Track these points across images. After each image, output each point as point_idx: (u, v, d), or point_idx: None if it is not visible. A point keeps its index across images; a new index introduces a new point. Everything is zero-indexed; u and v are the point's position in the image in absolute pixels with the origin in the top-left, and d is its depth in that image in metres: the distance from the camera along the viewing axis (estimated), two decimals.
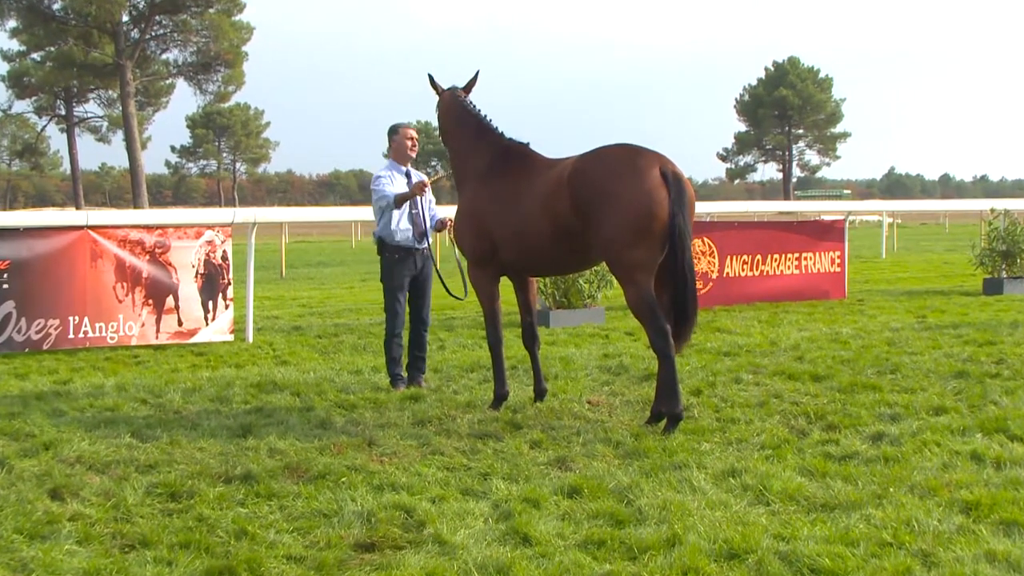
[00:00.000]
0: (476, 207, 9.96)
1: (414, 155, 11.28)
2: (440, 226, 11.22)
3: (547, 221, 9.28)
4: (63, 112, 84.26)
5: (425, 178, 11.09)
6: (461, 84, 10.60)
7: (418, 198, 11.03)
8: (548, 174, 9.48)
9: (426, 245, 11.24)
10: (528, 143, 10.16)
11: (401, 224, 11.02)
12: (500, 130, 10.28)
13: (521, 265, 9.91)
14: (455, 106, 10.46)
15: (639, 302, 8.93)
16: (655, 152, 9.09)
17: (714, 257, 18.53)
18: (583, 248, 9.29)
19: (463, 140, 10.36)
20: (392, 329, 11.15)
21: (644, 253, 8.83)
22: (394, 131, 11.25)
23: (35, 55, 72.71)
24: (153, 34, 70.66)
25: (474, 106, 10.40)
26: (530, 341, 10.28)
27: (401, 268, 11.06)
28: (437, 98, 10.61)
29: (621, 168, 8.93)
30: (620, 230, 8.81)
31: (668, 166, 8.93)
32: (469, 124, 10.34)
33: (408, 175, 11.18)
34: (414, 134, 11.23)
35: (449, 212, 11.76)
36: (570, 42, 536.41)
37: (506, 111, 10.30)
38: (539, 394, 10.26)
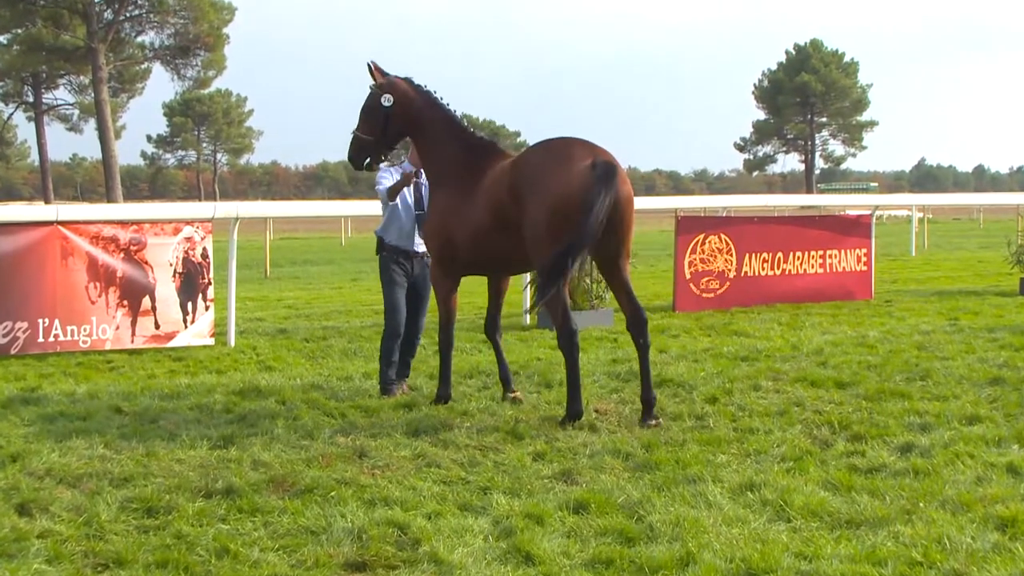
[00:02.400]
0: (442, 207, 10.36)
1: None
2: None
3: (490, 215, 9.80)
4: (31, 99, 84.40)
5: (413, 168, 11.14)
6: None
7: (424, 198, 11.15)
8: (496, 168, 9.98)
9: (424, 249, 11.28)
10: (495, 141, 10.61)
11: (404, 226, 11.14)
12: (468, 127, 10.57)
13: (481, 264, 10.42)
14: (419, 95, 10.62)
15: (551, 299, 9.42)
16: (592, 144, 9.63)
17: (731, 255, 18.52)
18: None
19: (432, 137, 10.58)
20: (393, 328, 11.23)
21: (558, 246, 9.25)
22: None
23: (0, 38, 72.74)
24: (127, 15, 70.65)
25: (441, 99, 10.64)
26: (491, 330, 10.88)
27: (398, 268, 11.17)
28: (389, 92, 10.52)
29: (551, 158, 9.47)
30: (542, 221, 9.30)
31: (602, 156, 9.42)
32: (438, 119, 10.57)
33: (418, 174, 11.22)
34: None
35: None
36: (573, 21, 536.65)
37: (502, 96, 10.32)
38: (506, 382, 10.87)
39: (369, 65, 10.58)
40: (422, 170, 11.10)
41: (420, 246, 11.25)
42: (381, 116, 10.52)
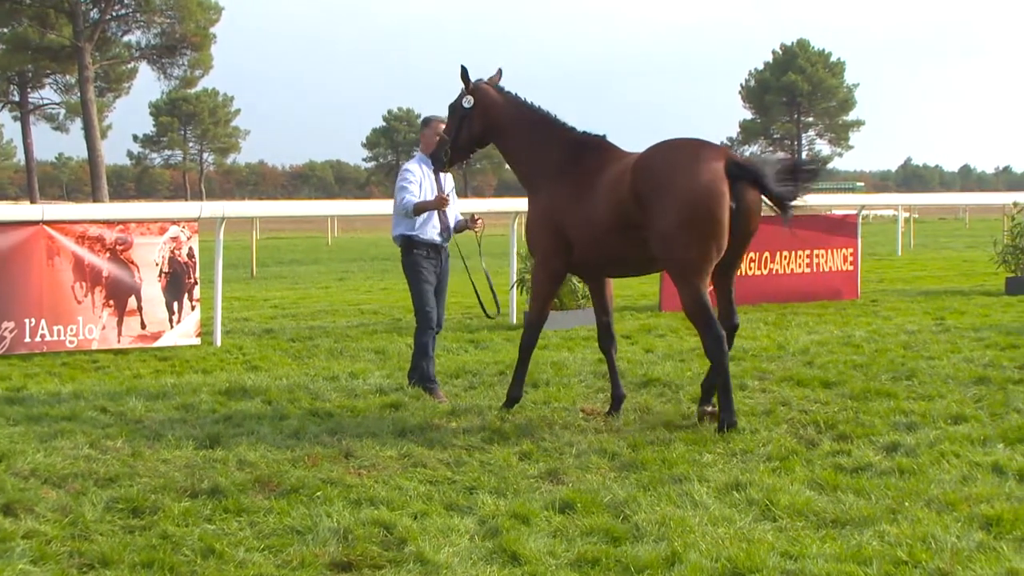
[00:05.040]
0: (552, 206, 10.03)
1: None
2: (461, 226, 11.40)
3: (612, 215, 9.48)
4: (17, 99, 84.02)
5: (448, 191, 11.23)
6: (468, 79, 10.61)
7: (444, 188, 11.24)
8: (617, 167, 9.68)
9: (447, 243, 11.39)
10: (604, 135, 10.27)
11: (432, 222, 11.15)
12: (568, 124, 10.35)
13: (594, 264, 10.06)
14: (505, 100, 10.48)
15: (693, 305, 9.21)
16: (721, 146, 9.41)
17: None
18: (647, 244, 9.40)
19: (526, 138, 10.39)
20: (428, 323, 11.16)
21: (698, 252, 9.06)
22: (425, 123, 11.42)
23: None
24: (114, 14, 70.41)
25: (531, 101, 10.46)
26: (607, 342, 10.38)
27: (429, 265, 11.18)
28: (471, 94, 10.43)
29: (681, 160, 9.20)
30: (674, 225, 9.03)
31: (733, 159, 9.19)
32: (533, 120, 10.38)
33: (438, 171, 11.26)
34: (440, 128, 11.09)
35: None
36: (555, 21, 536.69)
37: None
38: (617, 400, 10.25)
39: (462, 68, 10.43)
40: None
41: (446, 240, 11.31)
42: (459, 117, 10.47)
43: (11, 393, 11.33)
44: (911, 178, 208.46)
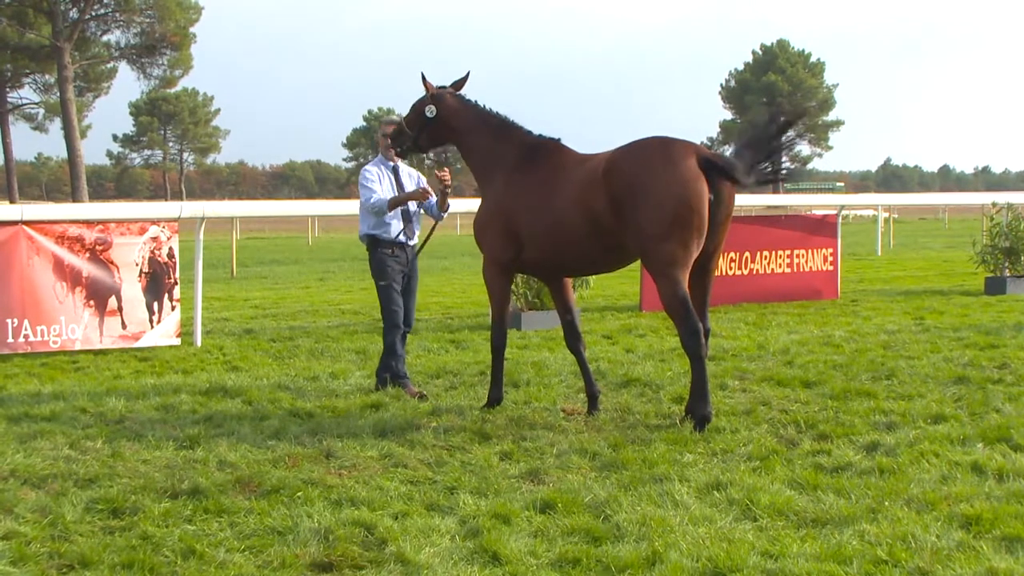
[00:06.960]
0: (504, 205, 10.14)
1: (392, 152, 11.34)
2: (443, 204, 11.49)
3: (581, 217, 9.54)
4: None
5: (425, 184, 11.42)
6: (437, 83, 10.83)
7: (405, 188, 11.40)
8: (582, 169, 9.76)
9: (415, 241, 11.52)
10: (559, 139, 10.38)
11: (396, 221, 11.29)
12: (525, 128, 10.50)
13: (554, 264, 10.14)
14: (464, 107, 10.65)
15: (672, 299, 9.24)
16: (690, 142, 9.46)
17: None
18: (618, 245, 9.57)
19: (482, 140, 10.53)
20: (394, 322, 11.28)
21: (677, 247, 9.13)
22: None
23: None
24: (93, 14, 70.28)
25: (486, 106, 10.64)
26: (574, 341, 10.46)
27: (395, 264, 11.29)
28: (432, 100, 10.62)
29: (655, 159, 9.28)
30: (652, 222, 9.11)
31: (703, 153, 9.31)
32: (489, 123, 10.52)
33: (396, 170, 11.49)
34: (387, 130, 11.31)
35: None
36: (537, 18, 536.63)
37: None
38: (592, 398, 10.29)
39: (422, 75, 10.67)
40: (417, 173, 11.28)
41: (413, 239, 11.43)
42: (421, 121, 10.69)
43: None
44: (891, 178, 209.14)
